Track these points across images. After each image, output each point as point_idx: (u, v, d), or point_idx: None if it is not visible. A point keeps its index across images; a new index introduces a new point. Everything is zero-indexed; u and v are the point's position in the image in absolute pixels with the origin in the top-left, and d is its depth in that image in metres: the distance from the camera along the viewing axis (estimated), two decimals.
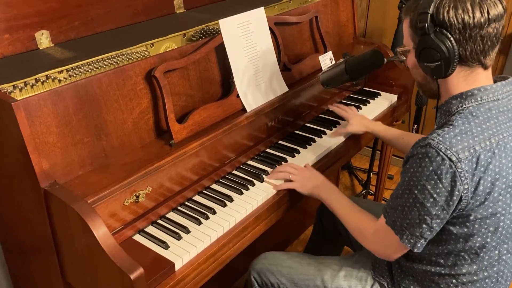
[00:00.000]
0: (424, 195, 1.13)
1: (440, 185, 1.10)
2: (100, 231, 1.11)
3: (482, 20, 1.08)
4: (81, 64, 1.35)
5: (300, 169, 1.56)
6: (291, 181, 1.53)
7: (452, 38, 1.10)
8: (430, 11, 1.10)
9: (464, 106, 1.16)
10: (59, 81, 1.31)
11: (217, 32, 1.68)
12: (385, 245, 1.29)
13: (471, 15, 1.07)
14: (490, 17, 1.08)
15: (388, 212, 1.23)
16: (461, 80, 1.17)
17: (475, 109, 1.15)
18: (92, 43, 1.53)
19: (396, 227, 1.21)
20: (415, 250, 1.20)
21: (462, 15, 1.07)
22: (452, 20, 1.08)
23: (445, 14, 1.09)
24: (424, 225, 1.16)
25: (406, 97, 2.19)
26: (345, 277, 1.44)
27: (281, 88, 1.78)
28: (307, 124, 1.92)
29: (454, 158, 1.08)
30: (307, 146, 1.76)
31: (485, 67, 1.16)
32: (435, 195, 1.11)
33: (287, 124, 1.83)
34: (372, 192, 2.77)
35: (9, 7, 1.37)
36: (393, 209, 1.22)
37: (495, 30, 1.10)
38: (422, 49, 1.15)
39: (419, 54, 1.16)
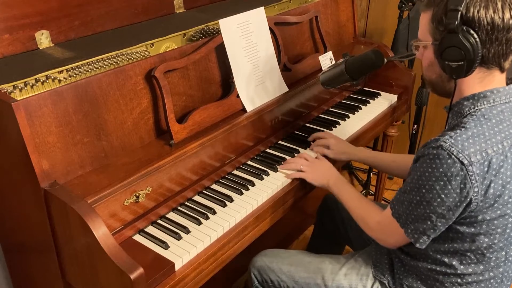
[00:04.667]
0: (431, 195, 1.13)
1: (449, 187, 1.10)
2: (100, 231, 1.11)
3: (511, 22, 1.06)
4: (81, 64, 1.35)
5: (312, 160, 1.59)
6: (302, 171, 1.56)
7: (478, 39, 1.08)
8: (461, 9, 1.06)
9: (476, 108, 1.15)
10: (59, 81, 1.31)
11: (217, 32, 1.68)
12: (387, 234, 1.32)
13: (501, 15, 1.05)
14: None
15: (395, 205, 1.25)
16: (476, 82, 1.15)
17: (487, 111, 1.14)
18: (92, 43, 1.53)
19: (401, 220, 1.23)
20: (418, 245, 1.21)
21: (493, 15, 1.05)
22: (481, 20, 1.06)
23: (475, 13, 1.06)
24: (429, 222, 1.16)
25: (406, 97, 2.19)
26: (346, 275, 1.44)
27: (281, 88, 1.78)
28: (307, 124, 1.92)
29: (465, 161, 1.07)
30: (307, 146, 1.75)
31: (502, 70, 1.15)
32: (442, 196, 1.11)
33: (287, 124, 1.82)
34: (372, 192, 2.77)
35: (9, 7, 1.37)
36: (400, 203, 1.23)
37: None
38: (446, 47, 1.11)
39: (442, 52, 1.13)
